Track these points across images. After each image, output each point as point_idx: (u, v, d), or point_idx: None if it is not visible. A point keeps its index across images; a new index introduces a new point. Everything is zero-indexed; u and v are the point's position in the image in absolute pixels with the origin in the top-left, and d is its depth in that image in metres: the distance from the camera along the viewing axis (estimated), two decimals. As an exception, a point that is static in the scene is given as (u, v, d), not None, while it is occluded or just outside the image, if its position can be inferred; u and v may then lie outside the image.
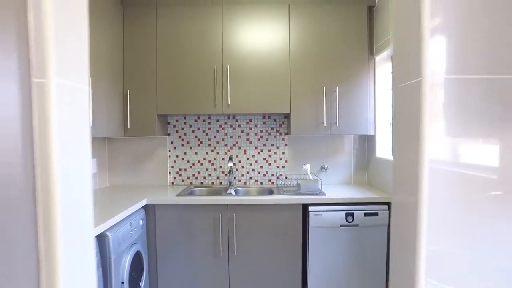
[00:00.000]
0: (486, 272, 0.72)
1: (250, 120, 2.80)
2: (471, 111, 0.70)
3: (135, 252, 1.96)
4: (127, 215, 1.90)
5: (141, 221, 2.11)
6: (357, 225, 2.20)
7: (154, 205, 2.22)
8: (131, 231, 1.94)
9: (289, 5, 2.43)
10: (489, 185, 0.72)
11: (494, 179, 0.72)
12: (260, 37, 2.43)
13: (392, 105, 2.34)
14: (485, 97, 0.68)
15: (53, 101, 0.67)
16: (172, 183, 2.82)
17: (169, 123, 2.81)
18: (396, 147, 0.83)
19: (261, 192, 2.66)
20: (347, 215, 2.19)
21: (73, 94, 0.75)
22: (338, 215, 2.20)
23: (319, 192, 2.33)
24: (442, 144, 0.70)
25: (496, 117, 0.68)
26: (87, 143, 0.81)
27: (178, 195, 2.34)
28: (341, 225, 2.20)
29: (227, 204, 2.22)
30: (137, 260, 2.01)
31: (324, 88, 2.43)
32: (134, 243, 1.98)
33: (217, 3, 2.43)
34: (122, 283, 1.79)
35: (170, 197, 2.28)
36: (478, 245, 0.71)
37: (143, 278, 2.09)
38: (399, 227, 0.83)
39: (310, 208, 2.21)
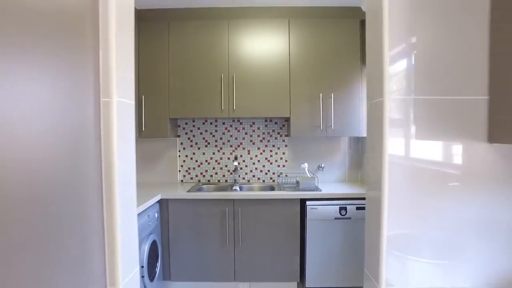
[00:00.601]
0: (431, 240, 0.98)
1: (253, 123, 3.05)
2: (419, 122, 0.95)
3: (152, 240, 2.21)
4: (145, 208, 2.15)
5: (156, 214, 2.37)
6: (350, 218, 2.44)
7: (167, 200, 2.47)
8: (148, 222, 2.19)
9: (289, 19, 2.68)
10: (434, 175, 0.97)
11: (438, 170, 0.97)
12: (263, 48, 2.69)
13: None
14: (428, 112, 0.93)
15: (115, 113, 0.93)
16: (182, 180, 3.07)
17: (179, 126, 3.06)
18: (368, 150, 1.08)
19: (263, 189, 2.91)
20: (340, 209, 2.44)
21: (125, 108, 1.01)
22: (333, 209, 2.45)
23: (316, 189, 2.58)
24: (399, 146, 0.96)
25: (436, 126, 0.94)
26: (133, 142, 1.07)
27: (189, 191, 2.59)
28: (335, 218, 2.45)
29: (233, 199, 2.47)
30: (153, 248, 2.26)
31: (321, 94, 2.68)
32: (151, 233, 2.24)
33: (224, 17, 2.69)
34: (142, 267, 2.05)
35: (181, 192, 2.54)
36: (425, 219, 0.97)
37: (158, 264, 2.35)
38: (370, 212, 1.08)
39: (308, 202, 2.46)
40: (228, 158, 3.06)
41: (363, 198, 2.44)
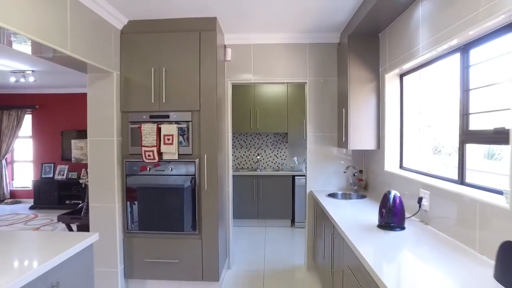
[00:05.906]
0: (321, 176, 3.33)
1: (268, 135, 5.41)
2: (319, 141, 3.30)
3: (219, 193, 4.60)
4: (216, 177, 4.53)
5: (219, 182, 4.75)
6: (317, 185, 4.77)
7: (224, 175, 4.85)
8: (217, 184, 4.57)
9: (287, 85, 5.03)
10: (323, 155, 3.33)
11: (326, 153, 3.33)
12: (272, 95, 5.04)
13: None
14: (321, 139, 3.29)
15: (230, 140, 3.33)
16: (227, 167, 5.46)
17: (225, 137, 5.46)
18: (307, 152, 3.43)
19: (273, 171, 5.24)
20: (312, 180, 4.78)
21: (230, 137, 3.39)
22: (309, 180, 4.78)
23: (300, 170, 4.92)
24: (314, 149, 3.31)
25: (327, 143, 3.29)
26: (231, 155, 3.45)
27: (234, 172, 4.96)
28: (310, 185, 4.78)
29: (258, 175, 4.83)
30: (219, 198, 4.64)
31: (304, 120, 5.01)
32: (218, 190, 4.63)
33: (251, 83, 5.06)
34: (217, 203, 4.43)
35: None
36: (320, 169, 3.33)
37: (221, 206, 4.74)
38: (306, 173, 3.44)
39: (296, 178, 4.80)
40: (253, 155, 5.43)
41: (324, 175, 4.78)
